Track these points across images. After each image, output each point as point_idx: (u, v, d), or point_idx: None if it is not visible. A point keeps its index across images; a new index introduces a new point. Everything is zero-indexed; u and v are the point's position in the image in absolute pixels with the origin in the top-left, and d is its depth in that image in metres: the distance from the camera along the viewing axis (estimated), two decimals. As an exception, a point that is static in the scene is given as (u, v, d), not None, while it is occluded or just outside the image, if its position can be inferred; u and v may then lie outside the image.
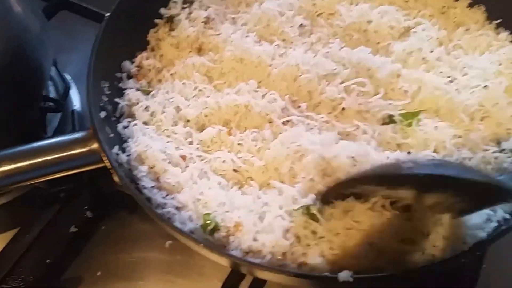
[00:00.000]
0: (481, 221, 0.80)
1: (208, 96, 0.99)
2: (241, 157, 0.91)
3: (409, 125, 0.91)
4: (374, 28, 1.05)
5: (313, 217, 0.82)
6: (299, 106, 0.96)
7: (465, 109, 0.92)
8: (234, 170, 0.92)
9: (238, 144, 0.93)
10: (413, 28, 1.05)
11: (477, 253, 0.76)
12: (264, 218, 0.84)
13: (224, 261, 0.81)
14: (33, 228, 1.04)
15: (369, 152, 0.86)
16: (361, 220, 0.81)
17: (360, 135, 0.91)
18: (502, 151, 0.89)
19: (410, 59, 1.01)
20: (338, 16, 1.08)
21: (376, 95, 0.95)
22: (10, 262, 1.01)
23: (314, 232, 0.82)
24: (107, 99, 0.99)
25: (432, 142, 0.89)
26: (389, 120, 0.93)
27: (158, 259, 1.04)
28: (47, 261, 1.02)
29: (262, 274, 0.81)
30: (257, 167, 0.89)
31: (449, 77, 0.98)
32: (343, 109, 0.95)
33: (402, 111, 0.93)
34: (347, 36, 1.06)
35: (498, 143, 0.90)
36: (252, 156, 0.91)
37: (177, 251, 1.02)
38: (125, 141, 0.96)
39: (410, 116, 0.92)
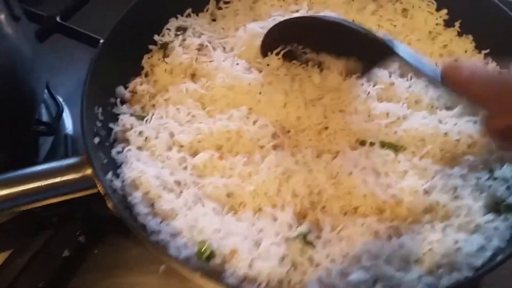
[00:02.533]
0: (475, 249, 0.80)
1: (201, 122, 0.99)
2: (232, 182, 0.91)
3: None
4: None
5: (309, 244, 0.83)
6: (289, 131, 0.97)
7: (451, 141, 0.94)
8: (227, 196, 0.92)
9: (230, 169, 0.94)
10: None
11: (473, 282, 0.77)
12: (259, 245, 0.84)
13: (219, 289, 0.81)
14: (26, 252, 1.03)
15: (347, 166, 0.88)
16: (357, 245, 0.82)
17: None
18: (495, 179, 0.89)
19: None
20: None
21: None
22: (3, 286, 0.99)
23: (310, 259, 0.82)
24: (100, 124, 0.98)
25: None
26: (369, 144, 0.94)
27: (152, 284, 1.03)
28: (40, 285, 1.00)
29: (258, 303, 0.81)
30: (248, 192, 0.90)
31: (436, 108, 0.99)
32: (326, 128, 0.96)
33: (384, 141, 0.94)
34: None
35: (491, 171, 0.91)
36: (242, 182, 0.91)
37: (171, 275, 1.00)
38: (119, 167, 0.96)
39: (394, 148, 0.93)
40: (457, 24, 1.12)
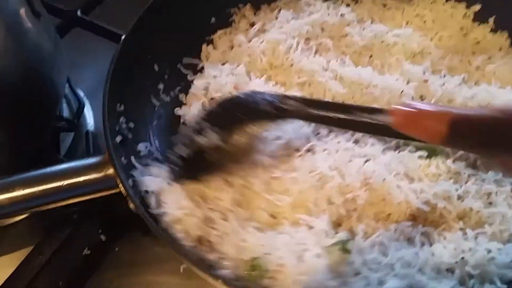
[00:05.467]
0: (510, 260, 0.77)
1: None
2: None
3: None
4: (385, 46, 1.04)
5: (347, 252, 0.80)
6: (318, 133, 0.94)
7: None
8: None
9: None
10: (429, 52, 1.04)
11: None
12: (302, 257, 0.79)
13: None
14: (46, 250, 1.02)
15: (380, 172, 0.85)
16: (389, 252, 0.80)
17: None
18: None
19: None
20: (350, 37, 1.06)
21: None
22: (23, 284, 0.98)
23: (351, 268, 0.79)
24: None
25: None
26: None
27: (171, 283, 1.02)
28: (60, 283, 0.99)
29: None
30: (287, 204, 0.86)
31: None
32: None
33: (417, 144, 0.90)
34: (355, 54, 1.05)
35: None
36: (280, 194, 0.87)
37: (191, 275, 0.98)
38: (142, 165, 0.94)
39: (432, 152, 0.89)
40: (491, 19, 1.07)
